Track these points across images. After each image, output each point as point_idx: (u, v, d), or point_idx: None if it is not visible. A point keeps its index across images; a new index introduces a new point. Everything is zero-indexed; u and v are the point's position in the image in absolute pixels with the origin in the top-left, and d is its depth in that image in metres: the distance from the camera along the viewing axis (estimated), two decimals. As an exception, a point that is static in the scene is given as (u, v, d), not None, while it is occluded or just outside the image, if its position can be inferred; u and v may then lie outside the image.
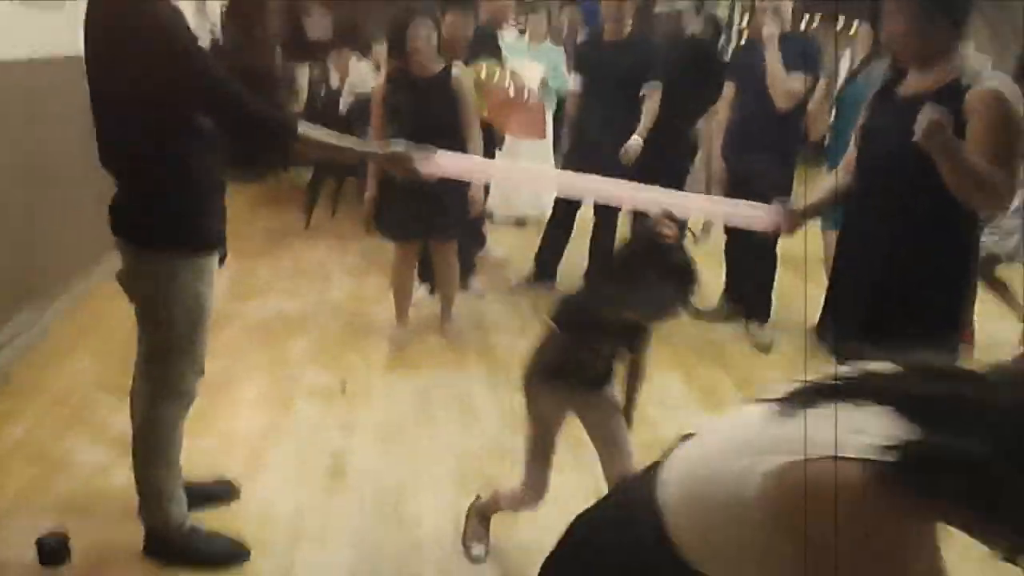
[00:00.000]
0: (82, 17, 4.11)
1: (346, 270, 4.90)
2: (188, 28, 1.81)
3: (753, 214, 2.40)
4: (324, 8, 10.65)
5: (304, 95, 7.00)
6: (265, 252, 5.08)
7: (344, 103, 5.79)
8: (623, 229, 4.38)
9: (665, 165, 4.26)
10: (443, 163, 2.11)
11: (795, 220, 2.32)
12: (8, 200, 3.47)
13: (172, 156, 1.88)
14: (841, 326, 2.32)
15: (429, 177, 2.07)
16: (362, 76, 5.91)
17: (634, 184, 2.52)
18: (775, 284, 4.12)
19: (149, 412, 2.07)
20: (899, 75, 2.15)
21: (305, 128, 1.92)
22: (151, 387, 2.06)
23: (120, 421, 2.93)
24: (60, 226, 3.92)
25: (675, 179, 4.43)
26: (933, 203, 1.99)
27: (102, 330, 3.81)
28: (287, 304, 4.25)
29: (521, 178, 2.31)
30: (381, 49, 5.86)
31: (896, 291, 2.12)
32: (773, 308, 4.13)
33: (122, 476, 2.59)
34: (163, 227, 1.91)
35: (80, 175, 4.14)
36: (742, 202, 2.49)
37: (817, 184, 2.77)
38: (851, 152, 2.31)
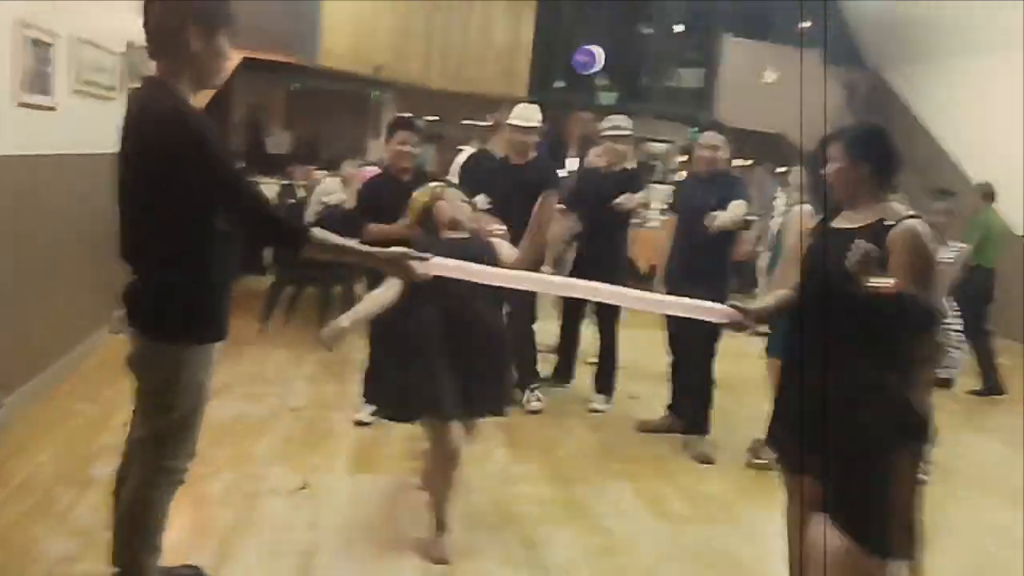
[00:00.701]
0: (74, 120, 4.35)
1: (305, 377, 4.98)
2: (217, 137, 2.01)
3: (710, 309, 2.63)
4: (283, 127, 11.12)
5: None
6: (222, 357, 5.12)
7: (311, 213, 6.03)
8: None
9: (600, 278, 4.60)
10: (439, 267, 2.31)
11: (749, 317, 2.55)
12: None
13: (192, 253, 2.04)
14: (787, 436, 2.53)
15: (424, 279, 2.26)
16: (329, 188, 6.19)
17: (608, 286, 2.76)
18: (713, 402, 4.36)
19: (141, 493, 2.14)
20: (835, 210, 2.49)
21: (316, 233, 2.11)
22: (146, 469, 2.13)
23: (82, 512, 2.97)
24: (25, 321, 3.97)
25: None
26: (867, 320, 2.26)
27: (62, 424, 3.82)
28: (248, 407, 4.31)
29: (514, 281, 2.52)
30: (350, 166, 6.19)
31: (842, 400, 2.35)
32: (712, 425, 4.35)
33: (86, 566, 2.62)
34: (177, 319, 2.06)
35: (55, 271, 4.26)
36: (699, 301, 2.72)
37: (763, 297, 3.05)
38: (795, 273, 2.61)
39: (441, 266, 2.35)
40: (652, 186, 10.42)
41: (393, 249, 2.22)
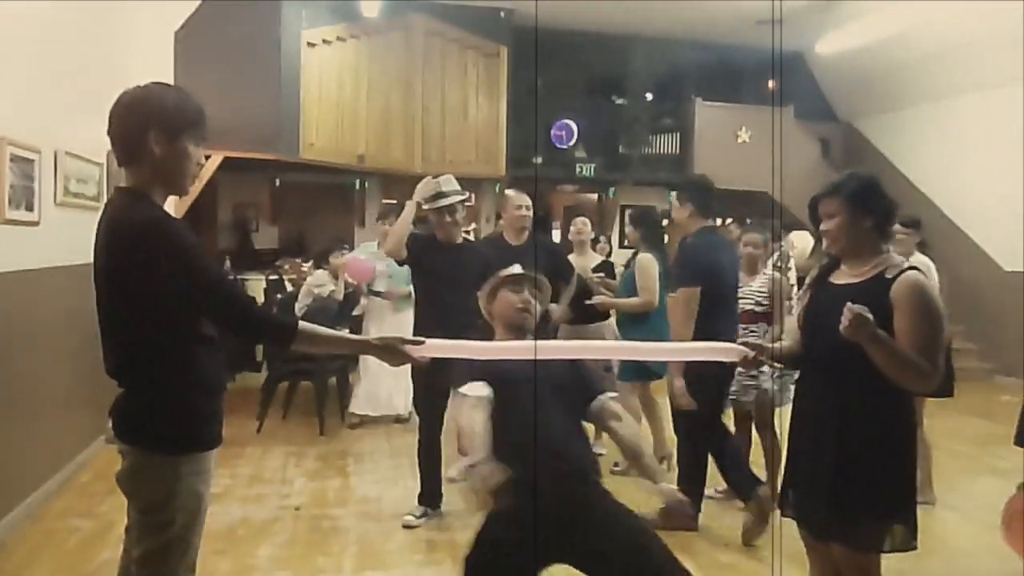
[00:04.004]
0: (59, 232, 4.34)
1: (306, 474, 4.87)
2: (194, 241, 1.97)
3: (723, 350, 2.60)
4: (270, 222, 11.19)
5: (260, 300, 7.25)
6: (221, 459, 5.01)
7: (300, 306, 5.97)
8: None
9: None
10: (437, 349, 2.26)
11: (762, 353, 2.46)
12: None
13: (180, 361, 1.98)
14: (801, 498, 2.45)
15: (423, 364, 2.21)
16: (319, 280, 6.18)
17: (625, 343, 2.70)
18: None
19: (141, 616, 2.03)
20: (834, 264, 2.46)
21: (304, 326, 2.06)
22: (145, 589, 2.03)
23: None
24: (16, 439, 3.88)
25: None
26: (870, 379, 2.21)
27: (59, 542, 3.70)
28: (249, 510, 4.19)
29: (507, 354, 2.44)
30: (337, 257, 6.20)
31: (847, 463, 2.29)
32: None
33: None
34: (169, 430, 1.98)
35: (45, 385, 4.19)
36: (710, 344, 2.65)
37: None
38: (795, 326, 2.57)
39: (438, 348, 2.30)
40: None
41: (385, 336, 2.17)
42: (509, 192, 4.73)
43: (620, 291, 4.92)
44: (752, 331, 4.19)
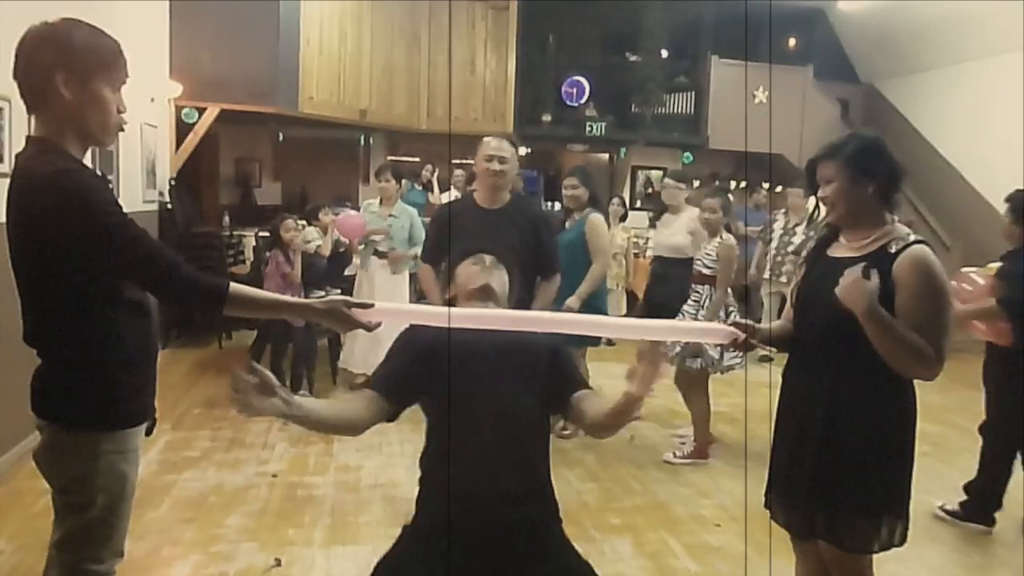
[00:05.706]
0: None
1: (288, 439, 4.73)
2: (114, 198, 1.78)
3: (711, 331, 2.42)
4: (273, 178, 11.01)
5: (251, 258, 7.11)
6: (203, 422, 4.90)
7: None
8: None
9: None
10: (386, 313, 2.08)
11: (754, 336, 2.18)
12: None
13: (100, 329, 1.81)
14: (784, 493, 2.26)
15: (370, 327, 2.00)
16: (308, 236, 6.00)
17: (608, 318, 2.57)
18: None
19: (61, 604, 1.89)
20: (832, 236, 2.23)
21: (237, 289, 1.86)
22: (65, 575, 1.89)
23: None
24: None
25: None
26: (865, 362, 2.01)
27: (18, 513, 3.58)
28: (224, 476, 4.06)
29: (469, 321, 2.17)
30: (327, 214, 6.01)
31: (834, 454, 2.08)
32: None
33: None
34: (88, 404, 1.81)
35: (14, 346, 4.04)
36: (699, 324, 2.49)
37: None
38: (788, 305, 2.37)
39: (389, 312, 2.12)
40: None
41: (330, 298, 1.97)
42: (487, 138, 3.75)
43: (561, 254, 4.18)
44: (696, 290, 4.52)
